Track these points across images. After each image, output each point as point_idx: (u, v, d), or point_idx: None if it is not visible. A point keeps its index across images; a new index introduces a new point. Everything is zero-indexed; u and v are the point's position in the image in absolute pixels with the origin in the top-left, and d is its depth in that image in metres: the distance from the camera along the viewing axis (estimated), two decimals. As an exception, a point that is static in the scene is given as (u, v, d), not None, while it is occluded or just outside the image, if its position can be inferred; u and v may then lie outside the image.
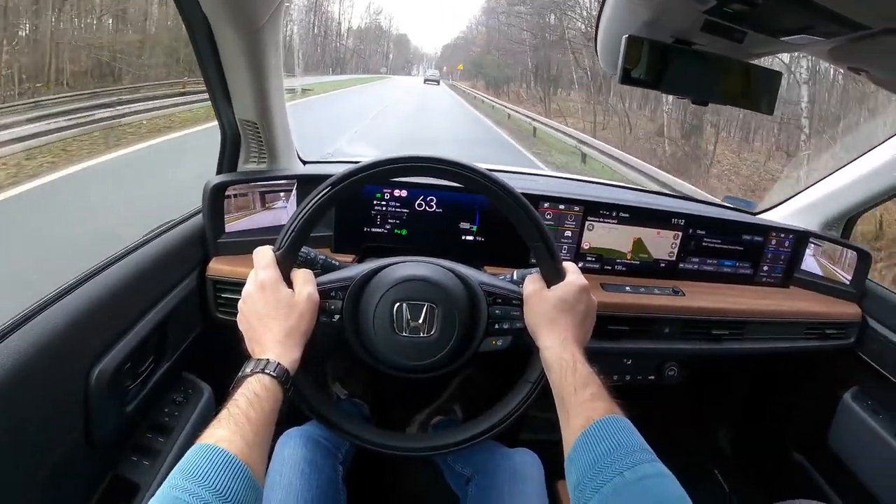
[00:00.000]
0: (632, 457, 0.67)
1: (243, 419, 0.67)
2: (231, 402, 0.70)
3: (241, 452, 0.63)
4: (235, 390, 0.72)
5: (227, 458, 0.61)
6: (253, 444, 0.66)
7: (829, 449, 1.53)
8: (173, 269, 1.12)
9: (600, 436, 0.70)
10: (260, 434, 0.68)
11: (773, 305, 1.41)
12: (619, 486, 0.64)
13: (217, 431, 0.65)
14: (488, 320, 0.92)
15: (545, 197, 1.34)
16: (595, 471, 0.66)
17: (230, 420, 0.67)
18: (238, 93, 1.16)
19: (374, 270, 0.92)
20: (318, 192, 0.87)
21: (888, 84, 1.08)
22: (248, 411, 0.68)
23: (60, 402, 0.81)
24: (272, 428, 0.73)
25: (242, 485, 0.61)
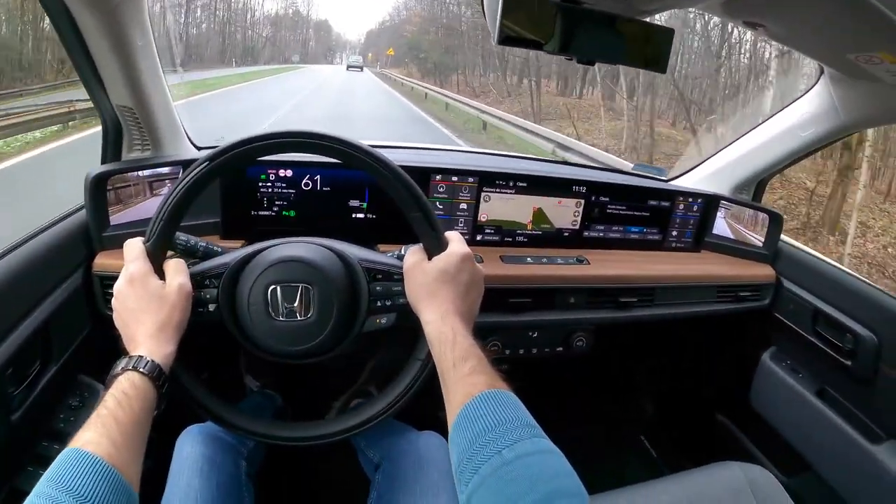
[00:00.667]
0: (512, 434, 0.63)
1: (111, 420, 0.64)
2: (101, 402, 0.67)
3: (109, 455, 0.60)
4: (106, 390, 0.69)
5: (93, 462, 0.59)
6: (122, 445, 0.63)
7: (751, 409, 1.56)
8: (56, 267, 1.07)
9: (479, 413, 0.67)
10: (129, 434, 0.65)
11: (682, 270, 1.42)
12: (497, 466, 0.60)
13: (85, 434, 0.62)
14: (370, 298, 0.90)
15: (436, 169, 1.31)
16: (473, 450, 0.63)
17: (98, 422, 0.64)
18: (109, 77, 1.10)
19: (250, 255, 0.88)
20: (187, 174, 0.82)
21: (786, 38, 1.08)
22: (116, 411, 0.65)
23: None
24: (145, 427, 0.69)
25: (110, 488, 0.58)
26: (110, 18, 0.98)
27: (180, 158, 1.25)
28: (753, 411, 1.55)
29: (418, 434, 1.11)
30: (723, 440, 1.69)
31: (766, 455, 1.56)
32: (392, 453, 1.08)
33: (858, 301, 1.30)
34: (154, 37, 1.12)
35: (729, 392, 1.66)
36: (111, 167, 1.16)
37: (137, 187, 1.19)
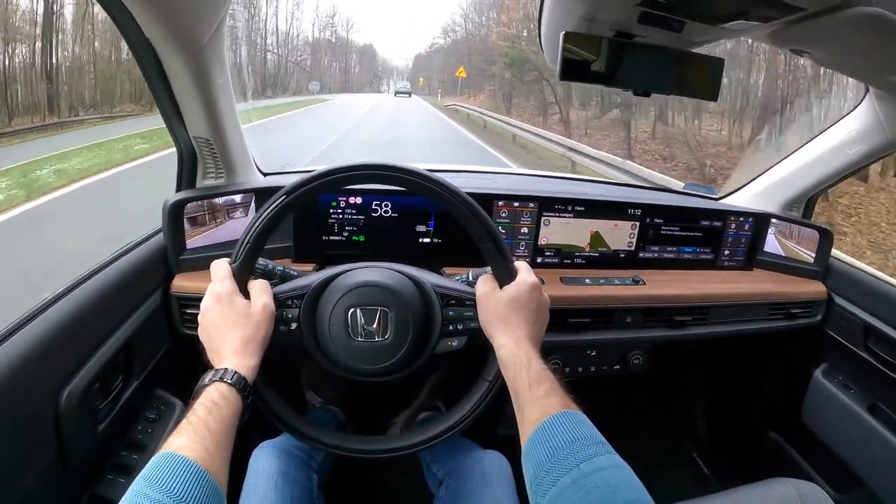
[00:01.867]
0: (588, 449, 0.68)
1: (202, 427, 0.68)
2: (191, 411, 0.71)
3: (202, 459, 0.64)
4: (195, 400, 0.73)
5: (188, 465, 0.63)
6: (213, 451, 0.67)
7: (803, 425, 1.55)
8: (137, 289, 1.13)
9: (555, 430, 0.71)
10: (220, 441, 0.69)
11: (735, 288, 1.43)
12: (576, 478, 0.65)
13: (178, 440, 0.66)
14: (442, 322, 0.94)
15: (498, 196, 1.35)
16: (551, 464, 0.67)
17: (190, 429, 0.68)
18: (189, 111, 1.17)
19: (329, 278, 0.93)
20: (270, 203, 0.88)
21: (831, 63, 1.10)
22: (206, 419, 0.70)
23: (31, 426, 0.82)
24: (232, 435, 0.74)
25: (204, 490, 0.62)
26: (195, 59, 1.05)
27: (251, 186, 1.32)
28: (805, 427, 1.54)
29: (482, 452, 1.14)
30: (775, 456, 1.68)
31: (817, 471, 1.55)
32: (457, 470, 1.12)
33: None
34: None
35: (781, 408, 1.65)
36: (187, 194, 1.23)
37: (208, 213, 1.25)
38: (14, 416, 0.78)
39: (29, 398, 0.81)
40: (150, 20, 0.95)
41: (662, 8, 0.88)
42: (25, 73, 16.13)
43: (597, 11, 0.95)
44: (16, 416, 0.78)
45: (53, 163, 8.54)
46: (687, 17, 0.91)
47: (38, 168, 8.29)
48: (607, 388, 1.79)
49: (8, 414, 0.77)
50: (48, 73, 16.87)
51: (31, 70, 17.13)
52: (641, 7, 0.88)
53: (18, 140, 10.39)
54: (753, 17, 0.88)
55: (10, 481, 0.77)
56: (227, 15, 1.06)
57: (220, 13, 1.03)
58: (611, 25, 0.98)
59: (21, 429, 0.79)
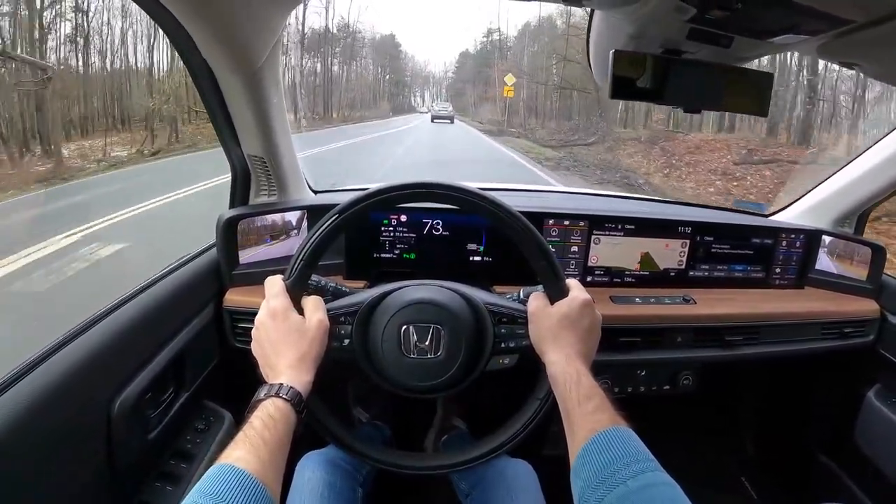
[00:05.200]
0: (635, 466, 0.68)
1: (259, 440, 0.70)
2: (247, 424, 0.72)
3: (257, 472, 0.66)
4: (251, 414, 0.75)
5: (244, 477, 0.64)
6: (268, 463, 0.68)
7: (855, 449, 1.50)
8: (190, 301, 1.17)
9: (604, 446, 0.71)
10: (275, 454, 0.71)
11: (786, 308, 1.40)
12: (623, 495, 0.64)
13: (234, 452, 0.68)
14: (494, 339, 0.94)
15: (549, 214, 1.35)
16: (599, 480, 0.67)
17: (246, 441, 0.69)
18: (244, 130, 1.20)
19: (382, 295, 0.94)
20: (324, 221, 0.89)
21: (882, 75, 1.08)
22: (263, 433, 0.71)
23: (84, 433, 0.85)
24: (287, 448, 0.75)
25: (258, 502, 0.63)
26: (251, 80, 1.08)
27: (302, 204, 1.34)
28: (858, 451, 1.49)
29: (507, 462, 1.13)
30: (825, 481, 1.63)
31: (869, 497, 1.50)
32: (482, 483, 1.12)
33: None
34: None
35: (832, 431, 1.61)
36: (241, 211, 1.26)
37: (261, 230, 1.28)
38: (67, 422, 0.81)
39: (82, 405, 0.84)
40: (208, 42, 0.99)
41: (712, 24, 0.88)
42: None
43: (646, 29, 0.95)
44: (69, 421, 0.81)
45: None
46: (736, 32, 0.91)
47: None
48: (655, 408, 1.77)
49: (61, 418, 0.79)
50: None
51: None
52: (691, 24, 0.88)
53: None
54: (802, 31, 0.87)
55: (60, 484, 0.80)
56: (283, 35, 1.10)
57: (277, 34, 1.07)
58: (659, 43, 0.98)
59: (74, 435, 0.82)
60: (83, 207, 7.62)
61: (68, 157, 12.63)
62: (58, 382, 0.80)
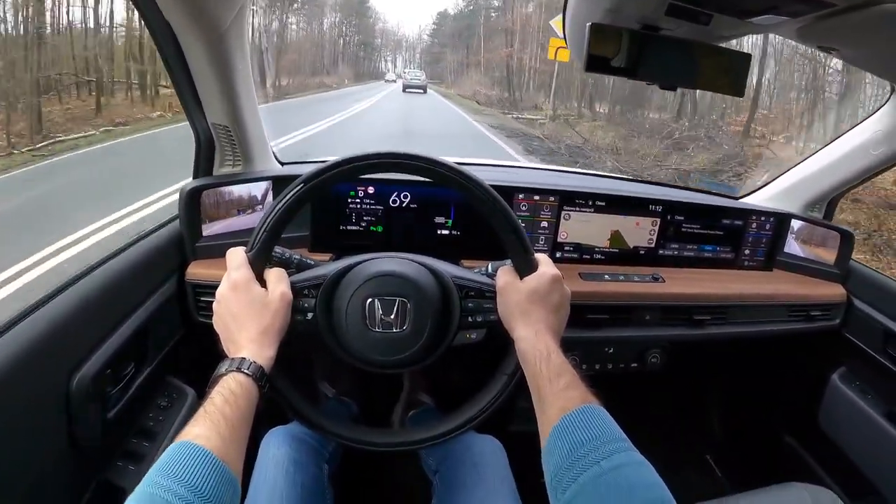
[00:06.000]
0: (608, 446, 0.67)
1: (219, 416, 0.68)
2: (208, 400, 0.70)
3: (217, 449, 0.64)
4: (212, 389, 0.72)
5: (204, 455, 0.62)
6: (229, 440, 0.66)
7: (819, 431, 1.53)
8: (152, 275, 1.13)
9: (575, 425, 0.70)
10: (236, 431, 0.69)
11: (755, 289, 1.41)
12: (597, 475, 0.64)
13: (194, 429, 0.65)
14: (461, 313, 0.92)
15: (519, 188, 1.34)
16: (572, 460, 0.66)
17: (206, 418, 0.67)
18: (208, 97, 1.16)
19: (347, 267, 0.92)
20: (289, 191, 0.87)
21: (859, 61, 1.08)
22: (223, 409, 0.69)
23: (42, 409, 0.82)
24: (249, 425, 0.73)
25: (218, 480, 0.61)
26: (215, 44, 1.03)
27: (268, 174, 1.31)
28: (821, 432, 1.53)
29: (474, 437, 1.13)
30: (789, 461, 1.66)
31: (832, 477, 1.53)
32: (449, 459, 1.11)
33: None
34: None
35: (796, 412, 1.64)
36: (204, 181, 1.22)
37: (225, 201, 1.24)
38: (26, 399, 0.78)
39: (41, 381, 0.81)
40: (171, 2, 0.94)
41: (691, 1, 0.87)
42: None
43: (623, 4, 0.93)
44: (28, 398, 0.78)
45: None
46: (715, 10, 0.89)
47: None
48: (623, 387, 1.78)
49: (20, 396, 0.76)
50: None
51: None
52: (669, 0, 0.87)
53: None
54: (782, 12, 0.86)
55: (21, 462, 0.77)
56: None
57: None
58: (637, 18, 0.96)
59: (32, 411, 0.79)
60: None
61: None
62: (13, 359, 0.76)
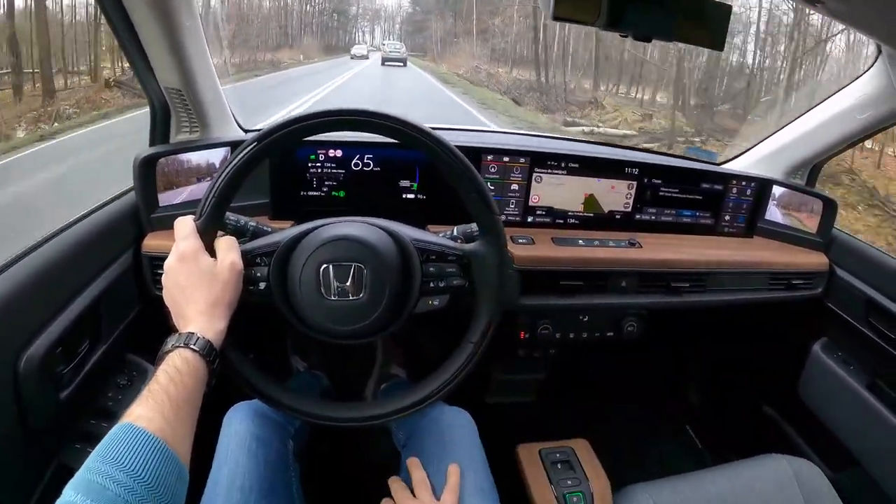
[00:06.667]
0: None
1: (163, 396, 0.65)
2: (153, 379, 0.67)
3: (161, 430, 0.61)
4: (158, 366, 0.70)
5: (145, 438, 0.59)
6: (174, 420, 0.64)
7: (799, 401, 1.52)
8: (106, 248, 1.08)
9: None
10: (181, 410, 0.66)
11: (735, 256, 1.38)
12: None
13: (136, 410, 0.63)
14: (423, 279, 0.89)
15: (488, 149, 1.29)
16: None
17: (149, 397, 0.64)
18: (157, 59, 1.10)
19: (302, 233, 0.88)
20: (238, 152, 0.82)
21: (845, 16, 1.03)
22: (168, 387, 0.66)
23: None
24: (197, 404, 0.70)
25: (161, 464, 0.59)
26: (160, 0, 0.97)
27: (226, 140, 1.25)
28: (801, 403, 1.51)
29: (443, 409, 1.10)
30: (769, 432, 1.66)
31: (812, 448, 1.52)
32: (416, 432, 1.08)
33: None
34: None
35: (777, 382, 1.62)
36: (159, 149, 1.17)
37: (183, 170, 1.19)
38: None
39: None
40: None
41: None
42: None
43: (597, -50, 0.88)
44: None
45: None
46: (696, -41, 0.85)
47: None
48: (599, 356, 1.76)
49: None
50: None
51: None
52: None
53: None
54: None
55: None
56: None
57: None
58: (609, -37, 0.91)
59: None
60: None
61: None
62: None
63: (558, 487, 1.15)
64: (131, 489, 0.55)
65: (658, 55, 16.49)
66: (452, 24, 37.48)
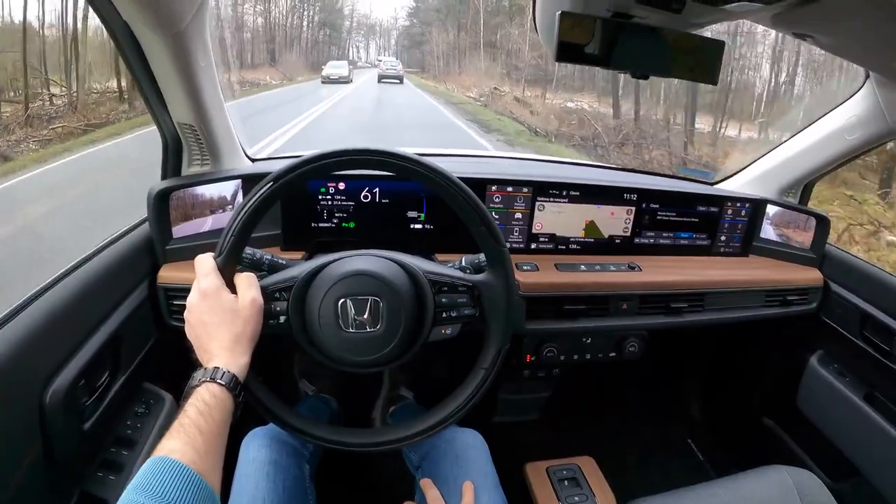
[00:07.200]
0: None
1: (194, 430, 0.67)
2: (182, 413, 0.69)
3: (194, 462, 0.63)
4: (186, 401, 0.72)
5: (180, 470, 0.61)
6: (205, 453, 0.66)
7: (798, 413, 1.55)
8: (123, 281, 1.10)
9: None
10: (211, 443, 0.68)
11: (731, 275, 1.42)
12: None
13: (169, 443, 0.65)
14: (435, 309, 0.92)
15: (492, 180, 1.32)
16: None
17: (181, 431, 0.66)
18: (172, 96, 1.13)
19: (318, 268, 0.90)
20: (256, 191, 0.85)
21: (834, 48, 1.07)
22: (198, 421, 0.68)
23: (16, 425, 0.80)
24: (225, 435, 0.72)
25: (195, 494, 0.61)
26: (175, 41, 1.01)
27: (238, 173, 1.28)
28: (800, 415, 1.54)
29: (456, 431, 1.12)
30: (769, 444, 1.68)
31: (812, 459, 1.55)
32: (431, 454, 1.11)
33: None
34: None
35: (776, 396, 1.65)
36: (173, 182, 1.19)
37: (195, 202, 1.22)
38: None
39: (13, 397, 0.79)
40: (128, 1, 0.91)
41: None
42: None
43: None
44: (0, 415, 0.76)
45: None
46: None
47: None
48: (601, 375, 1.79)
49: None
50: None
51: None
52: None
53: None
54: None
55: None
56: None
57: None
58: (608, 6, 0.95)
59: (6, 428, 0.77)
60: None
61: None
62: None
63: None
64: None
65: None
66: (455, 37, 32.49)
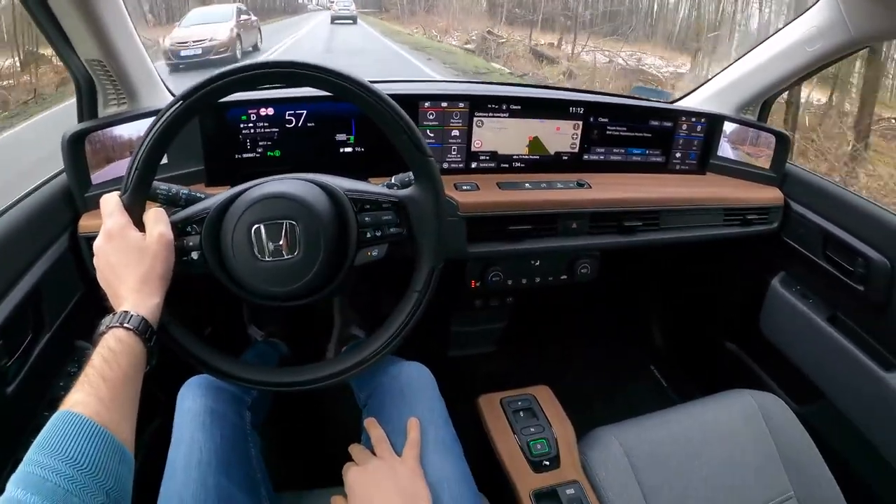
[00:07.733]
0: None
1: (98, 379, 0.63)
2: (88, 363, 0.66)
3: (97, 413, 0.59)
4: (93, 350, 0.68)
5: (81, 423, 0.58)
6: (111, 403, 0.62)
7: (761, 336, 1.54)
8: (41, 233, 1.04)
9: None
10: (118, 390, 0.64)
11: (687, 192, 1.37)
12: None
13: (73, 396, 0.61)
14: (359, 229, 0.86)
15: (425, 96, 1.25)
16: None
17: (85, 382, 0.63)
18: (74, 31, 1.04)
19: (232, 196, 0.85)
20: (157, 118, 0.78)
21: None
22: (103, 370, 0.64)
23: None
24: (135, 383, 0.68)
25: (100, 448, 0.57)
26: None
27: (155, 108, 1.20)
28: (763, 338, 1.53)
29: (401, 365, 1.08)
30: (733, 368, 1.68)
31: (777, 383, 1.54)
32: (376, 390, 1.07)
33: (870, 224, 1.25)
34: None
35: (738, 319, 1.63)
36: (87, 125, 1.12)
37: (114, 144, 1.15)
38: None
39: None
40: None
41: None
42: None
43: None
44: None
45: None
46: None
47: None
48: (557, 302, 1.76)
49: None
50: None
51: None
52: None
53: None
54: None
55: None
56: None
57: None
58: None
59: None
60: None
61: None
62: None
63: (521, 435, 1.14)
64: (71, 478, 0.54)
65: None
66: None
